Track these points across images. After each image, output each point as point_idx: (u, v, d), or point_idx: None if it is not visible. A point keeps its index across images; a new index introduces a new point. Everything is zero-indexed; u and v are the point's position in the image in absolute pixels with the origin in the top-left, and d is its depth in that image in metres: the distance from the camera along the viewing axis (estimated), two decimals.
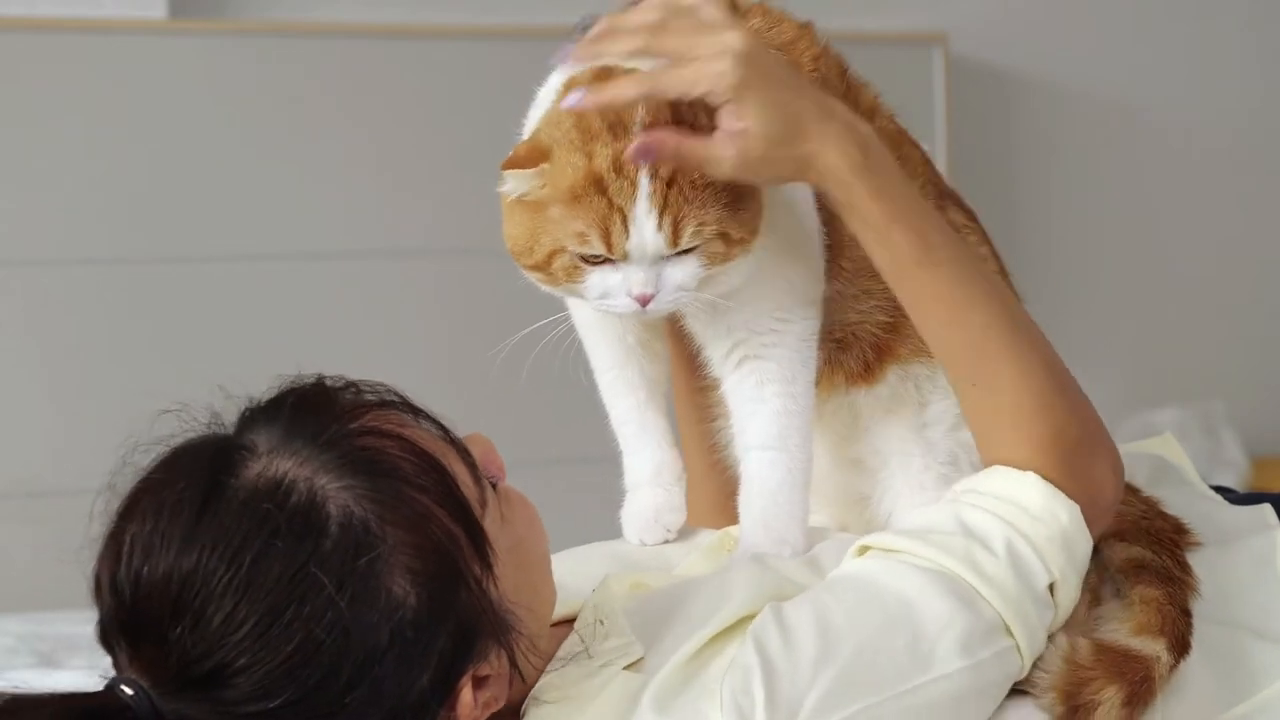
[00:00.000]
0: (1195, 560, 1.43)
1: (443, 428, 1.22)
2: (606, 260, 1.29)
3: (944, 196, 1.50)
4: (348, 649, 1.12)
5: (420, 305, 3.22)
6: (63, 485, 2.68)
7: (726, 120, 1.26)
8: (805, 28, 1.45)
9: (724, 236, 1.30)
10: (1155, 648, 1.34)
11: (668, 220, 1.27)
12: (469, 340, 3.01)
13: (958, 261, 1.32)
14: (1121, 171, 3.84)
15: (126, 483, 1.18)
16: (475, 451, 1.24)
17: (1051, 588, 1.29)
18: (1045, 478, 1.30)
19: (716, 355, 1.43)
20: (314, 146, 3.17)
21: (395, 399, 1.22)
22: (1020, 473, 1.31)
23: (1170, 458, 1.63)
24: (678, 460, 1.52)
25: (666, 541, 1.50)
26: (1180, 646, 1.35)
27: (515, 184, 1.30)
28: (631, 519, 1.51)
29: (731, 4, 1.45)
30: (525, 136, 1.35)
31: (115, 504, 1.17)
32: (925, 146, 1.53)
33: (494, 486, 1.24)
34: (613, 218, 1.27)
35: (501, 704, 1.21)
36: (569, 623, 1.32)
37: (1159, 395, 3.72)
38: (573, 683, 1.25)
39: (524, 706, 1.26)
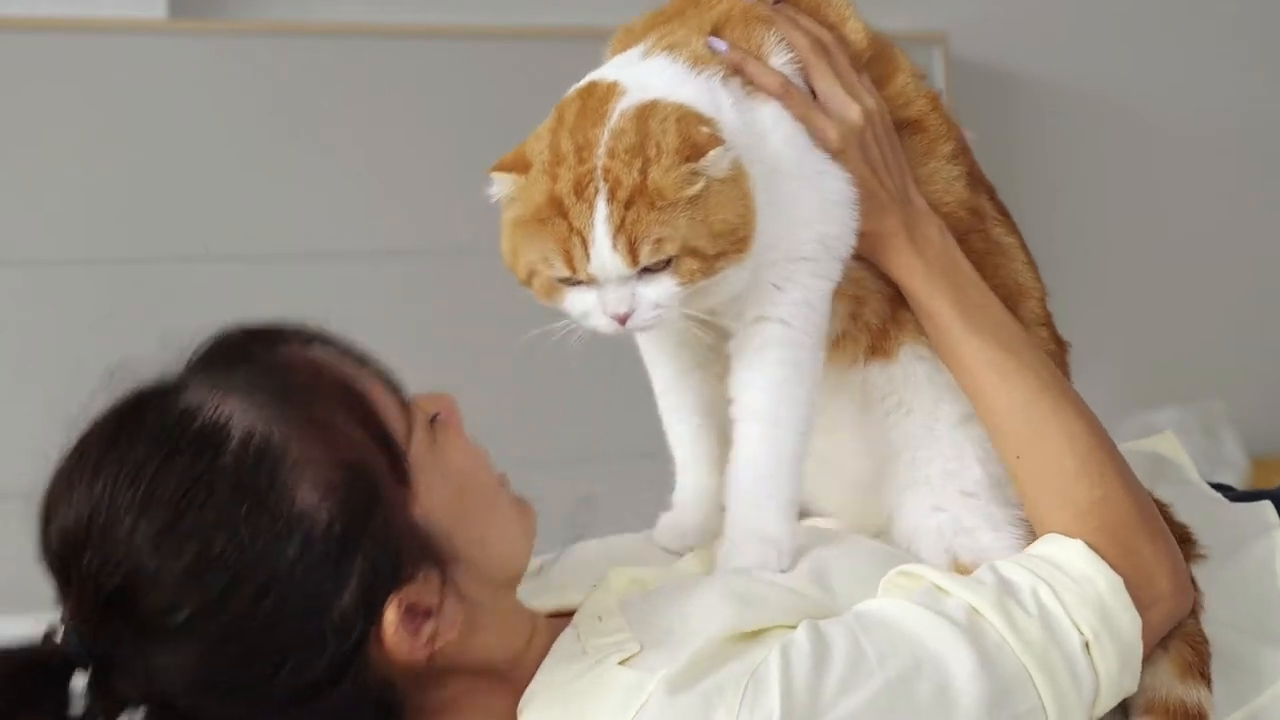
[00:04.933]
0: (1197, 568, 1.43)
1: (376, 364, 1.26)
2: (580, 280, 1.30)
3: (978, 182, 1.51)
4: (248, 558, 1.14)
5: (420, 306, 3.22)
6: None
7: None
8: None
9: (694, 253, 1.29)
10: (1200, 694, 1.34)
11: (622, 240, 1.27)
12: (470, 341, 3.01)
13: (1003, 334, 1.38)
14: (1121, 171, 3.84)
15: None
16: (433, 398, 1.29)
17: (1088, 649, 1.27)
18: (1091, 546, 1.31)
19: (731, 320, 1.40)
20: (314, 146, 3.17)
21: (323, 336, 1.26)
22: (1068, 539, 1.32)
23: (1170, 456, 1.63)
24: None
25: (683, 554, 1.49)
26: (1209, 681, 1.36)
27: (498, 187, 1.32)
28: (664, 528, 1.51)
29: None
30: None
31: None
32: None
33: (432, 421, 1.26)
34: (573, 240, 1.28)
35: (449, 639, 1.22)
36: (569, 615, 1.33)
37: (1159, 395, 3.72)
38: (567, 680, 1.25)
39: (520, 704, 1.26)
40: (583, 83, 1.36)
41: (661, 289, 1.30)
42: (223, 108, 3.12)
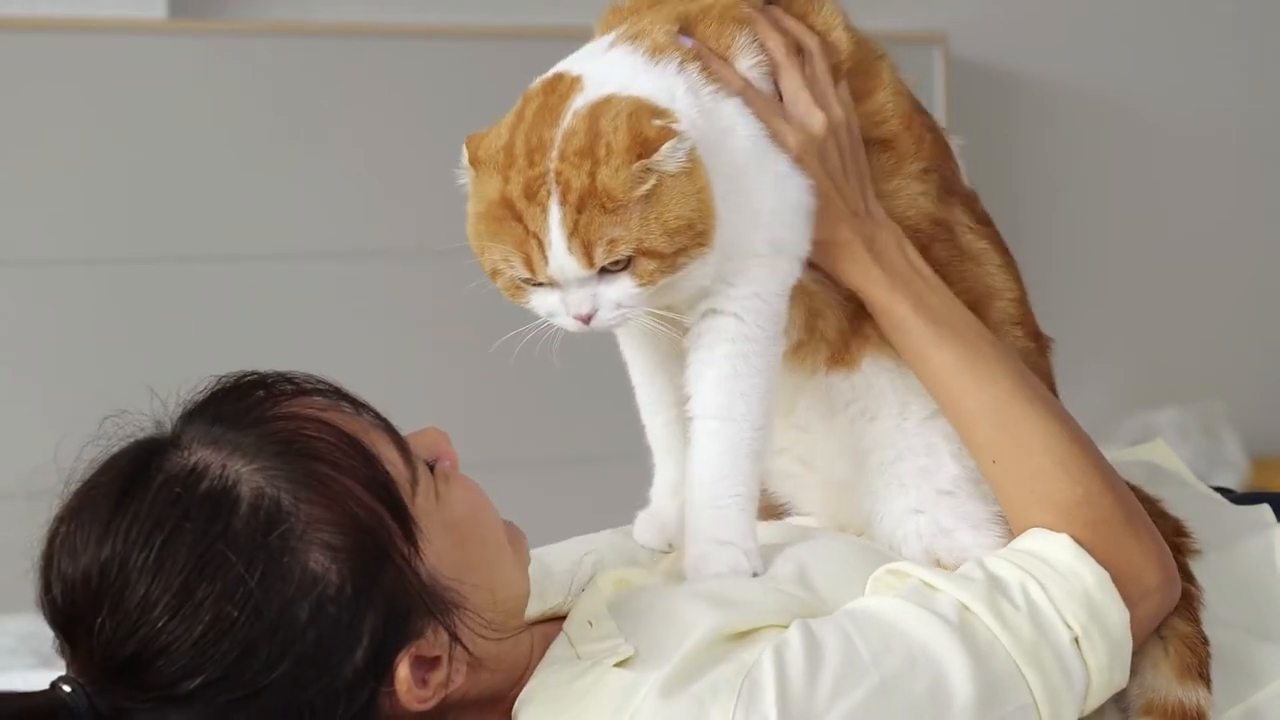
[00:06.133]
0: (1196, 565, 1.43)
1: (372, 411, 1.24)
2: (542, 282, 1.30)
3: (952, 193, 1.48)
4: (263, 625, 1.13)
5: (420, 306, 3.22)
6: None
7: None
8: None
9: (650, 253, 1.28)
10: (1199, 695, 1.34)
11: (576, 243, 1.27)
12: (470, 341, 3.01)
13: (969, 336, 1.37)
14: (1121, 171, 3.84)
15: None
16: (425, 439, 1.27)
17: (1077, 643, 1.27)
18: (1077, 541, 1.31)
19: (688, 314, 1.39)
20: (313, 147, 3.17)
21: (321, 386, 1.24)
22: (1053, 533, 1.32)
23: (1164, 463, 1.62)
24: None
25: (667, 552, 1.49)
26: (1209, 683, 1.36)
27: (465, 156, 1.33)
28: (642, 524, 1.51)
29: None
30: None
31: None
32: None
33: (432, 468, 1.25)
34: (530, 243, 1.28)
35: (457, 684, 1.21)
36: (559, 620, 1.33)
37: (1159, 395, 3.72)
38: (563, 682, 1.25)
39: (515, 707, 1.26)
40: (550, 73, 1.35)
41: (621, 289, 1.30)
42: (223, 108, 3.12)
